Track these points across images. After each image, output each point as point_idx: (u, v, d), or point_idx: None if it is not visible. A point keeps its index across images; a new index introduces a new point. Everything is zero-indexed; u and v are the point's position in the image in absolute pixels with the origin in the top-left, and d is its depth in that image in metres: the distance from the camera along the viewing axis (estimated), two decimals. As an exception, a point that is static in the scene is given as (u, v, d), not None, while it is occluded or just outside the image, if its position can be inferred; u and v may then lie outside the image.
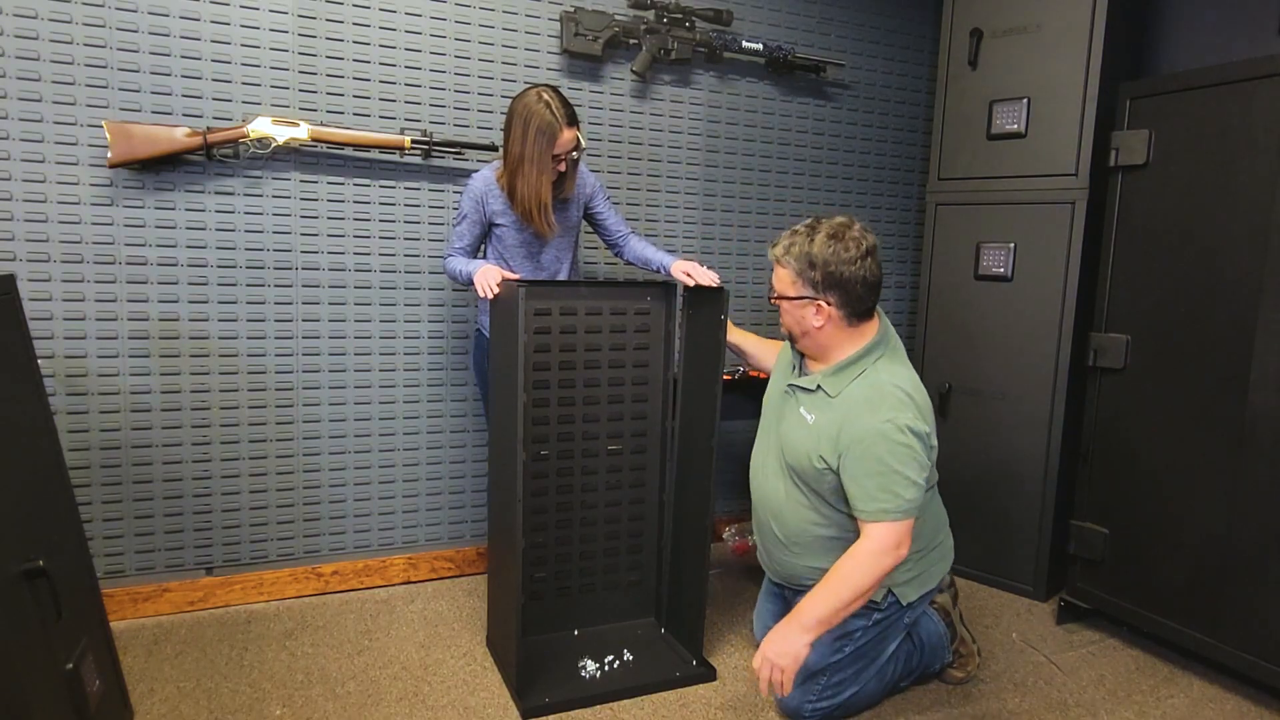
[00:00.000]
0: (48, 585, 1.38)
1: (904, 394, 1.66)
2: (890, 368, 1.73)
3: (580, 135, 2.04)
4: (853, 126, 3.04)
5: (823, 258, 1.65)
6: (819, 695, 1.80)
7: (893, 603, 1.80)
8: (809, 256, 1.66)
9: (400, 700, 1.91)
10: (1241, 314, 1.97)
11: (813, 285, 1.67)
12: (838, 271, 1.65)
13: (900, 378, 1.71)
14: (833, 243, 1.66)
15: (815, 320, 1.70)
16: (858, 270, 1.66)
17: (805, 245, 1.67)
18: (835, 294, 1.67)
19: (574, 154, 2.05)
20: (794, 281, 1.69)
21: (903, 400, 1.65)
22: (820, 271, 1.65)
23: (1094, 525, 2.33)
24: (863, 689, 1.85)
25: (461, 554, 2.62)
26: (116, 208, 2.12)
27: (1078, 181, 2.41)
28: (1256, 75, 1.93)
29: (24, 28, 1.98)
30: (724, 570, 2.72)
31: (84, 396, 2.14)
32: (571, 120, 2.00)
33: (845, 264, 1.65)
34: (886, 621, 1.82)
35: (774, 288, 1.76)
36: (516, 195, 2.02)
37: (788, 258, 1.69)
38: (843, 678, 1.80)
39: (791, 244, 1.69)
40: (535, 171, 1.98)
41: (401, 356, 2.47)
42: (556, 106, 1.97)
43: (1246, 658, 1.98)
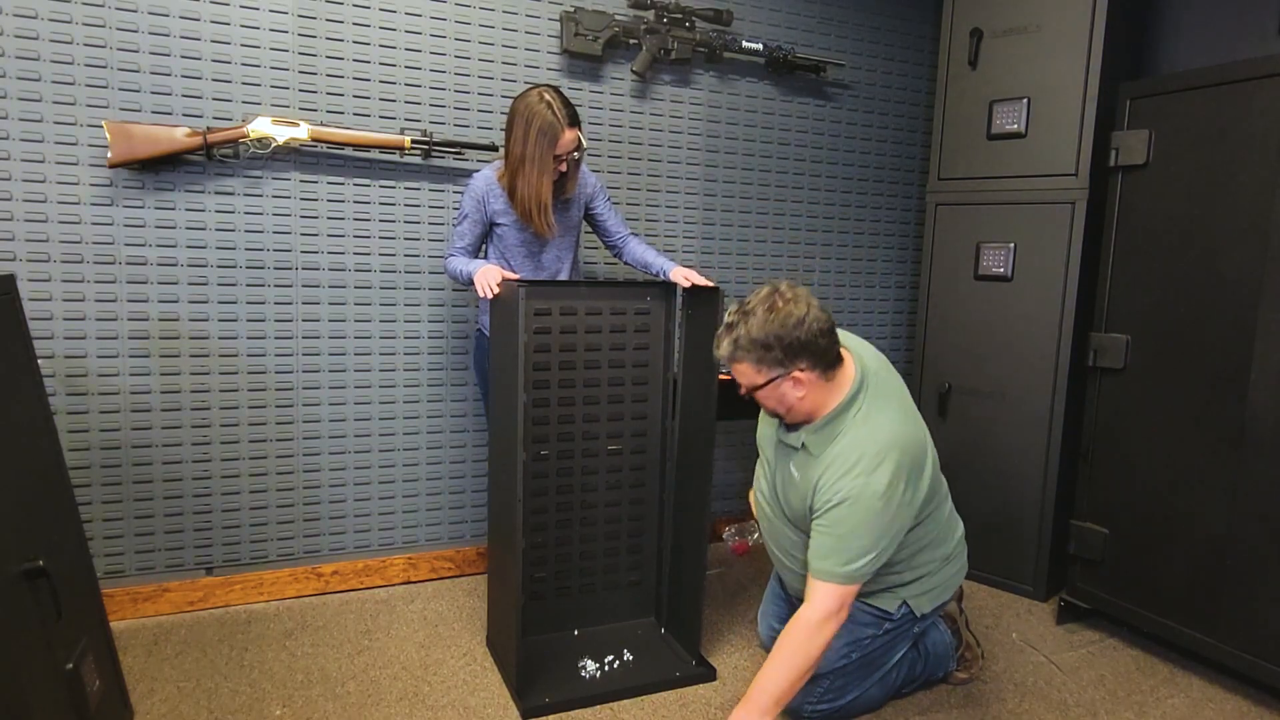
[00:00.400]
0: (48, 585, 1.38)
1: (881, 451, 1.59)
2: (873, 419, 1.64)
3: (581, 136, 2.04)
4: (853, 126, 3.04)
5: (774, 333, 1.56)
6: (819, 698, 1.80)
7: (906, 613, 1.80)
8: (760, 340, 1.57)
9: (400, 700, 1.91)
10: (1241, 314, 1.97)
11: (778, 363, 1.59)
12: (795, 337, 1.56)
13: (880, 431, 1.62)
14: (772, 315, 1.57)
15: (796, 393, 1.62)
16: (811, 325, 1.57)
17: (750, 332, 1.57)
18: (804, 359, 1.59)
19: (575, 155, 2.05)
20: (758, 370, 1.61)
21: (877, 460, 1.58)
22: (779, 347, 1.57)
23: (1094, 525, 2.33)
24: (864, 693, 1.85)
25: (461, 554, 2.62)
26: (116, 208, 2.12)
27: (1078, 181, 2.41)
28: (1256, 75, 1.93)
29: (24, 28, 1.98)
30: (724, 570, 2.72)
31: (84, 396, 2.14)
32: (573, 121, 2.00)
33: (796, 326, 1.56)
34: (897, 631, 1.82)
35: (740, 382, 1.67)
36: (517, 195, 2.02)
37: (740, 352, 1.60)
38: (845, 682, 1.80)
39: (735, 339, 1.59)
40: (536, 172, 1.98)
41: (401, 356, 2.47)
42: (558, 107, 1.97)
43: (1246, 658, 1.98)
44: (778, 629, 2.06)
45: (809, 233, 3.03)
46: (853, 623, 1.78)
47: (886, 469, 1.57)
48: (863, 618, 1.79)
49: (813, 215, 3.03)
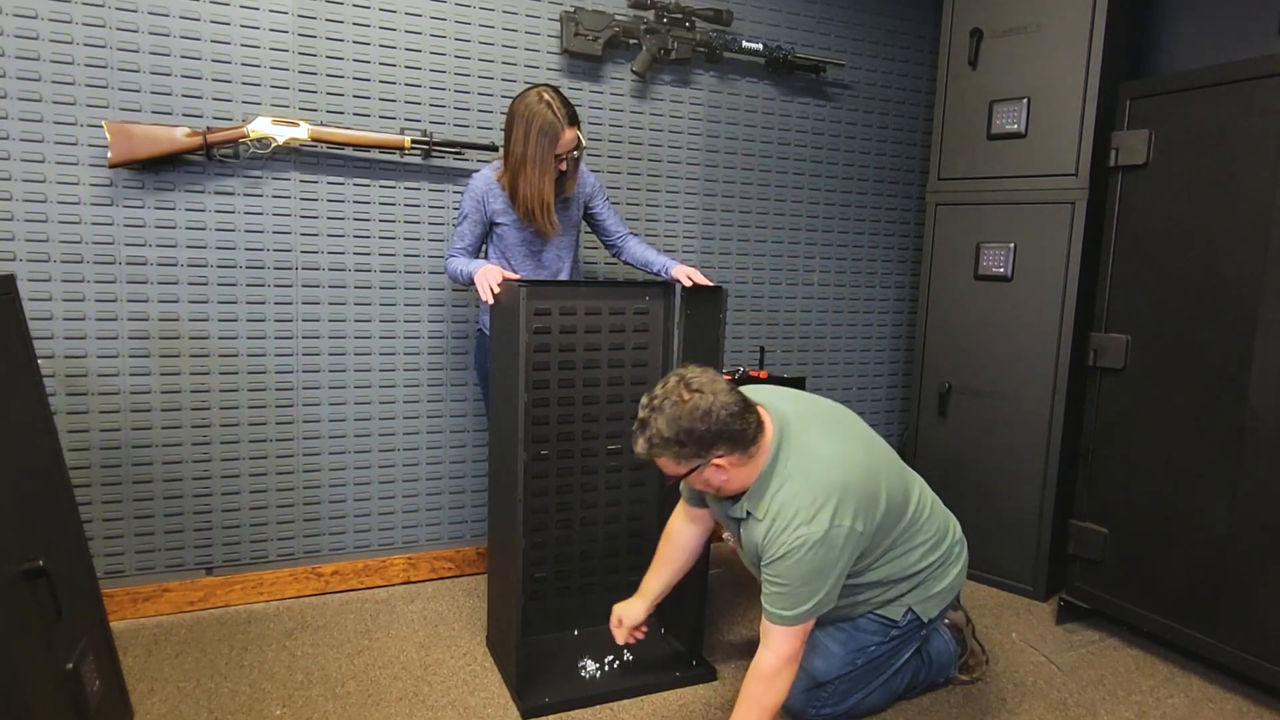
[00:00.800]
0: (48, 585, 1.38)
1: (816, 499, 1.58)
2: (804, 467, 1.62)
3: (581, 135, 2.04)
4: (853, 126, 3.04)
5: (683, 429, 1.52)
6: (823, 702, 1.80)
7: (913, 620, 1.80)
8: (671, 441, 1.54)
9: (400, 700, 1.91)
10: (1241, 314, 1.97)
11: (695, 455, 1.55)
12: (705, 429, 1.53)
13: (812, 477, 1.61)
14: (679, 410, 1.53)
15: (720, 476, 1.60)
16: (719, 414, 1.53)
17: (662, 432, 1.54)
18: (719, 446, 1.55)
19: (575, 154, 2.05)
20: (678, 463, 1.58)
21: (813, 510, 1.57)
22: (691, 441, 1.53)
23: (1094, 525, 2.33)
24: (867, 697, 1.85)
25: (461, 554, 2.62)
26: (116, 208, 2.12)
27: (1078, 181, 2.41)
28: (1256, 75, 1.93)
29: (24, 28, 1.98)
30: (724, 570, 2.72)
31: (84, 396, 2.14)
32: (573, 120, 2.00)
33: (704, 419, 1.52)
34: (904, 637, 1.82)
35: (665, 474, 1.64)
36: (519, 195, 2.02)
37: (655, 450, 1.57)
38: (848, 687, 1.81)
39: (649, 439, 1.56)
40: (537, 172, 1.99)
41: (401, 356, 2.47)
42: (558, 106, 1.97)
43: (1246, 658, 1.98)
44: None
45: (809, 233, 3.03)
46: (858, 630, 1.79)
47: (825, 515, 1.57)
48: (869, 626, 1.80)
49: (813, 215, 3.03)
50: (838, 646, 1.79)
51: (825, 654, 1.79)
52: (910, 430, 2.89)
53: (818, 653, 1.79)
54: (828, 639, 1.81)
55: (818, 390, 3.13)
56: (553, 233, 2.09)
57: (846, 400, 3.22)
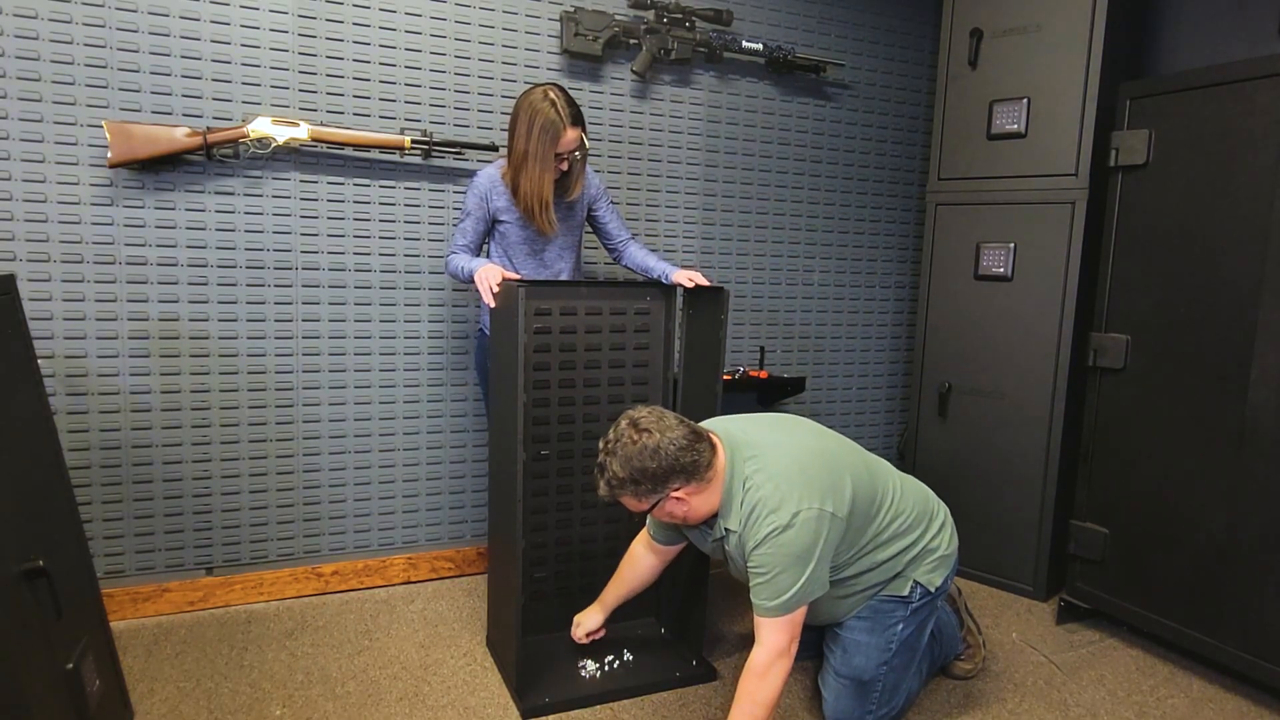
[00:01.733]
0: (48, 585, 1.38)
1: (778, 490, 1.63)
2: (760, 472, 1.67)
3: (584, 137, 2.04)
4: (853, 126, 3.04)
5: (638, 468, 1.60)
6: (878, 703, 1.81)
7: (923, 592, 1.80)
8: (627, 481, 1.62)
9: (400, 700, 1.91)
10: (1241, 314, 1.97)
11: (653, 490, 1.63)
12: (658, 467, 1.60)
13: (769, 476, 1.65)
14: (628, 450, 1.61)
15: (681, 507, 1.67)
16: (668, 450, 1.60)
17: (617, 473, 1.62)
18: (674, 480, 1.62)
19: (577, 154, 2.05)
20: (639, 500, 1.66)
21: (777, 501, 1.62)
22: (648, 479, 1.61)
23: (1094, 525, 2.33)
24: (911, 688, 1.88)
25: (461, 554, 2.62)
26: (116, 208, 2.12)
27: (1078, 181, 2.41)
28: (1256, 75, 1.93)
29: (24, 28, 1.98)
30: (724, 570, 2.72)
31: (84, 396, 2.14)
32: (576, 120, 2.01)
33: (654, 457, 1.60)
34: (922, 609, 1.82)
35: (631, 510, 1.72)
36: (520, 191, 2.03)
37: (618, 492, 1.65)
38: (895, 679, 1.81)
39: (610, 482, 1.64)
40: (539, 169, 1.99)
41: (401, 356, 2.47)
42: (562, 105, 1.98)
43: (1246, 658, 1.98)
44: None
45: (809, 233, 3.03)
46: (881, 615, 1.80)
47: (790, 501, 1.61)
48: (887, 606, 1.80)
49: (813, 215, 3.03)
50: (868, 636, 1.79)
51: (860, 649, 1.79)
52: (910, 430, 2.89)
53: (852, 651, 1.80)
54: (852, 633, 1.81)
55: (818, 390, 3.14)
56: (551, 231, 2.09)
57: (846, 400, 3.22)
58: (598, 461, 1.67)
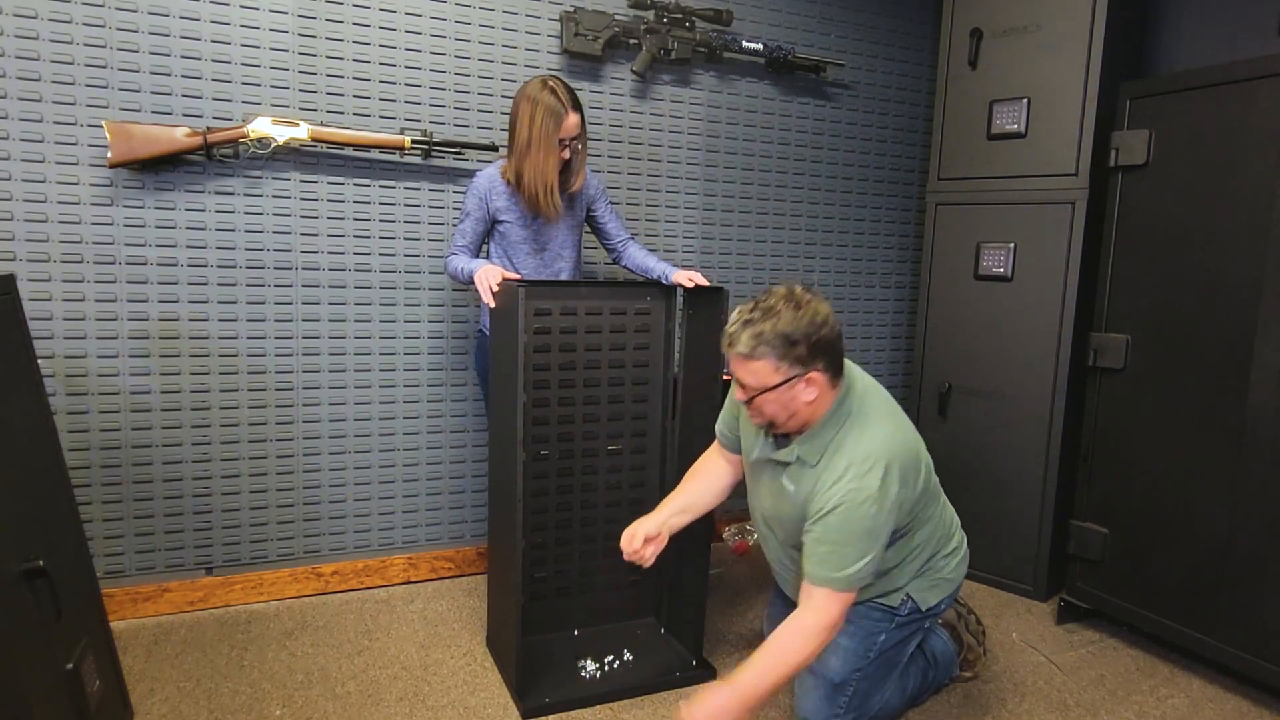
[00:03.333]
0: (48, 585, 1.38)
1: (871, 456, 1.59)
2: (863, 427, 1.63)
3: (584, 124, 2.06)
4: (853, 126, 3.04)
5: (801, 331, 1.53)
6: (846, 708, 1.79)
7: (913, 608, 1.79)
8: (786, 336, 1.53)
9: (400, 700, 1.91)
10: (1241, 314, 1.97)
11: (799, 361, 1.55)
12: (820, 336, 1.54)
13: (871, 438, 1.62)
14: (799, 312, 1.54)
15: (807, 395, 1.58)
16: (834, 326, 1.57)
17: (776, 325, 1.53)
18: (822, 359, 1.56)
19: (578, 143, 2.07)
20: (776, 368, 1.55)
21: (867, 465, 1.58)
22: (805, 344, 1.54)
23: (1094, 525, 2.33)
24: (887, 700, 1.85)
25: (461, 554, 2.62)
26: (116, 208, 2.12)
27: (1078, 181, 2.41)
28: (1256, 75, 1.93)
29: (24, 28, 1.98)
30: (724, 570, 2.72)
31: (84, 396, 2.14)
32: (576, 105, 2.03)
33: (820, 327, 1.54)
34: (908, 625, 1.81)
35: (748, 385, 1.60)
36: (524, 179, 2.03)
37: (762, 348, 1.55)
38: (868, 686, 1.79)
39: (759, 334, 1.55)
40: (543, 153, 2.01)
41: (401, 356, 2.47)
42: (562, 92, 2.01)
43: (1246, 658, 1.98)
44: None
45: (809, 233, 3.03)
46: (863, 619, 1.79)
47: (876, 473, 1.58)
48: (873, 614, 1.79)
49: (813, 215, 3.03)
50: (847, 640, 1.78)
51: (836, 650, 1.77)
52: (910, 430, 2.88)
53: (829, 651, 1.77)
54: (837, 635, 1.80)
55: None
56: (556, 215, 2.10)
57: (846, 400, 3.22)
58: (742, 320, 1.56)
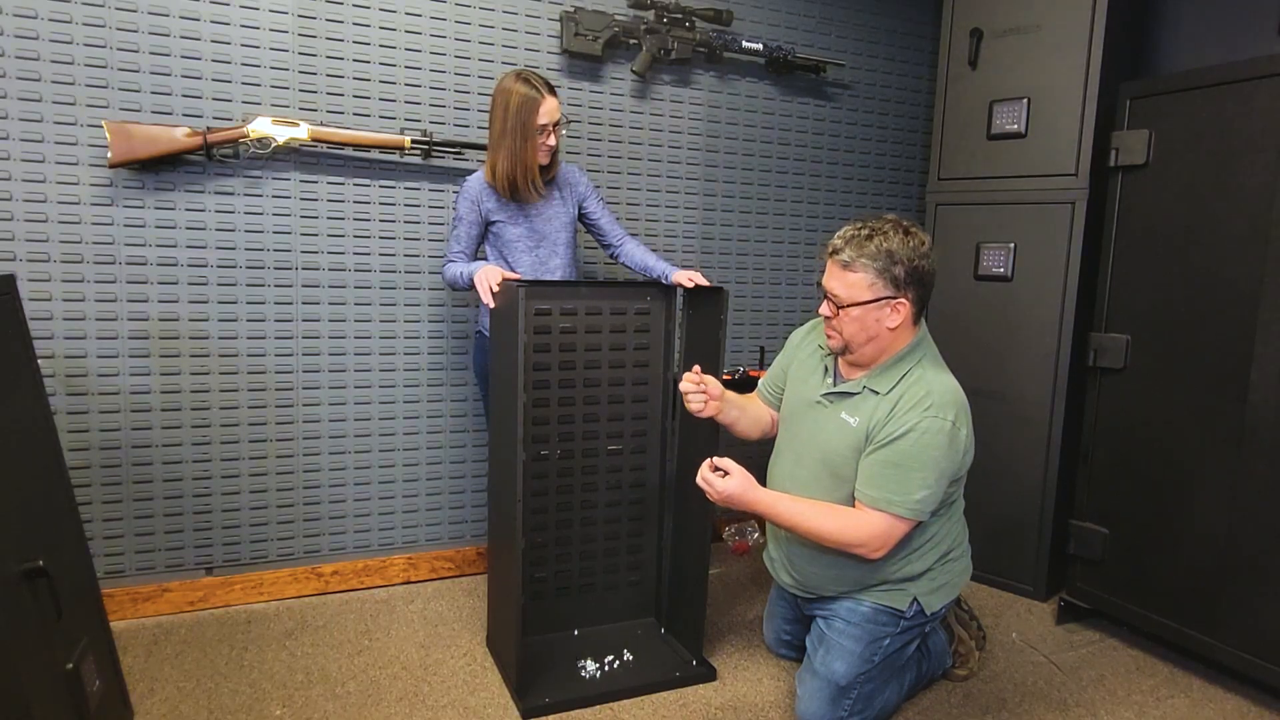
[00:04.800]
0: (48, 585, 1.38)
1: (948, 394, 1.64)
2: (935, 372, 1.70)
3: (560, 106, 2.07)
4: (853, 126, 3.04)
5: (905, 254, 1.58)
6: (850, 710, 1.79)
7: (918, 612, 1.80)
8: (891, 254, 1.58)
9: (400, 700, 1.91)
10: (1241, 314, 1.97)
11: (894, 283, 1.60)
12: (920, 265, 1.60)
13: (946, 381, 1.69)
14: (908, 238, 1.61)
15: (891, 321, 1.62)
16: (932, 264, 1.63)
17: (883, 243, 1.59)
18: (914, 290, 1.62)
19: (560, 130, 2.07)
20: (872, 284, 1.60)
21: (951, 402, 1.63)
22: (904, 267, 1.58)
23: (1094, 525, 2.33)
24: (888, 699, 1.86)
25: (461, 554, 2.62)
26: (116, 208, 2.12)
27: (1078, 181, 2.41)
28: (1256, 75, 1.93)
29: (24, 28, 1.98)
30: (724, 570, 2.72)
31: (84, 396, 2.14)
32: (551, 90, 2.04)
33: (923, 258, 1.60)
34: (911, 628, 1.82)
35: (838, 295, 1.64)
36: (499, 171, 2.04)
37: (863, 259, 1.59)
38: (872, 689, 1.80)
39: (865, 244, 1.60)
40: (521, 140, 2.02)
41: (401, 356, 2.47)
42: (535, 79, 2.03)
43: (1246, 658, 1.98)
44: (787, 630, 2.08)
45: (809, 233, 3.03)
46: (869, 623, 1.79)
47: (953, 412, 1.61)
48: (881, 618, 1.79)
49: (813, 215, 3.03)
50: (853, 644, 1.78)
51: (843, 654, 1.78)
52: (910, 430, 2.88)
53: (834, 654, 1.79)
54: (840, 637, 1.80)
55: (818, 390, 3.13)
56: (537, 198, 2.10)
57: (846, 400, 3.22)
58: (848, 236, 1.63)
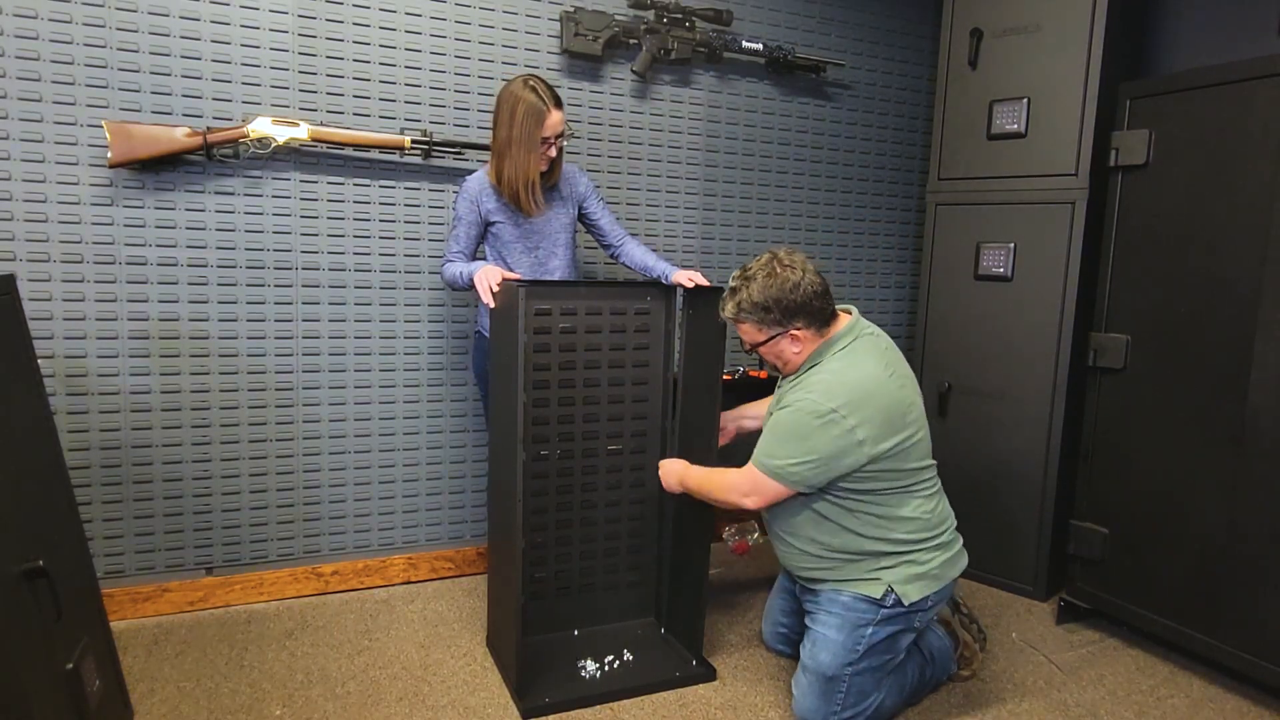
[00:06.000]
0: (48, 585, 1.38)
1: (843, 382, 1.74)
2: (848, 358, 1.80)
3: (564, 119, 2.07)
4: (853, 126, 3.04)
5: (772, 296, 1.75)
6: (842, 704, 1.80)
7: (896, 601, 1.80)
8: (759, 303, 1.77)
9: (400, 700, 1.91)
10: (1241, 314, 1.97)
11: (777, 323, 1.78)
12: (792, 300, 1.75)
13: (851, 369, 1.77)
14: (771, 280, 1.76)
15: (793, 348, 1.82)
16: (806, 289, 1.76)
17: (750, 296, 1.77)
18: (800, 319, 1.78)
19: (561, 141, 2.07)
20: (759, 329, 1.81)
21: (840, 393, 1.72)
22: (777, 310, 1.76)
23: (1094, 525, 2.33)
24: (885, 698, 1.85)
25: (461, 554, 2.62)
26: (116, 208, 2.12)
27: (1078, 181, 2.41)
28: (1256, 75, 1.93)
29: (24, 28, 1.98)
30: (724, 570, 2.72)
31: (84, 396, 2.14)
32: (558, 103, 2.04)
33: (792, 291, 1.75)
34: (894, 618, 1.81)
35: (743, 340, 1.88)
36: (504, 178, 2.04)
37: (742, 314, 1.80)
38: (862, 682, 1.80)
39: (738, 301, 1.80)
40: (524, 151, 2.01)
41: (401, 356, 2.47)
42: (543, 90, 2.01)
43: (1246, 658, 1.98)
44: (783, 623, 2.09)
45: (809, 233, 3.03)
46: (848, 610, 1.80)
47: (838, 397, 1.71)
48: (856, 605, 1.80)
49: (813, 215, 3.03)
50: (835, 633, 1.79)
51: (826, 644, 1.79)
52: (910, 430, 2.89)
53: (819, 645, 1.80)
54: (823, 628, 1.81)
55: (818, 390, 3.13)
56: (537, 212, 2.10)
57: (846, 400, 3.22)
58: (730, 287, 1.82)
